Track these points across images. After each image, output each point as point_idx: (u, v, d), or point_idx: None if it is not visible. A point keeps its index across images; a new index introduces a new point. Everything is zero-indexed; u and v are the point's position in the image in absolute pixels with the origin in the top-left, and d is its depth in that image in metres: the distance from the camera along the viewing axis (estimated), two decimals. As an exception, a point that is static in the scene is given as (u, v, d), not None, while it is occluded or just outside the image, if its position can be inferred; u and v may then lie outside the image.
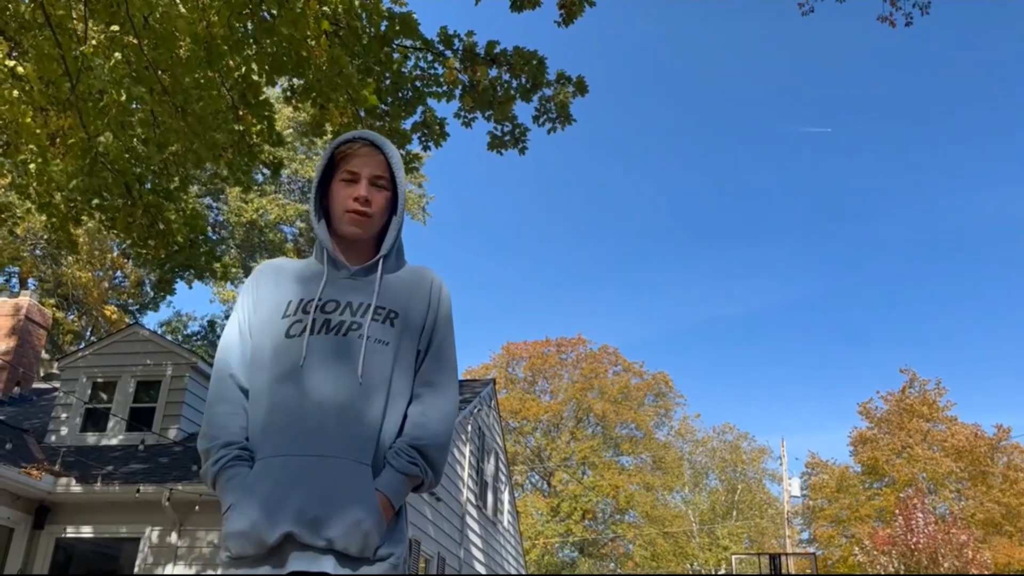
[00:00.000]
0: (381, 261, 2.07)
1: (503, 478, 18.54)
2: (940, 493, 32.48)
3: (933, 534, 25.35)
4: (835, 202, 63.83)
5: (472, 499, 15.14)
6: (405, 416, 1.98)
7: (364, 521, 1.79)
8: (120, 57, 5.71)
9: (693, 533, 41.25)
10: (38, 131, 5.87)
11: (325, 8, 6.01)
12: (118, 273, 27.01)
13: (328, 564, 1.77)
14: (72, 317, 25.47)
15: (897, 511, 27.30)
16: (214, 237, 25.08)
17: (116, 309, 25.49)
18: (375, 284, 2.04)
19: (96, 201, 6.02)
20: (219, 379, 2.00)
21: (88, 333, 26.06)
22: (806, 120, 61.44)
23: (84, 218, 6.47)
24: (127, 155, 5.99)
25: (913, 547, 25.37)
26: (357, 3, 6.30)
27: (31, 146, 5.79)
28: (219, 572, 1.86)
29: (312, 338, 1.93)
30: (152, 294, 27.98)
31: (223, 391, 1.98)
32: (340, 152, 2.08)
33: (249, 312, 2.06)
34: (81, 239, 22.74)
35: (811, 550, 35.34)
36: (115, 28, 5.58)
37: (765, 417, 68.12)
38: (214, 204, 26.78)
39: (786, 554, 26.57)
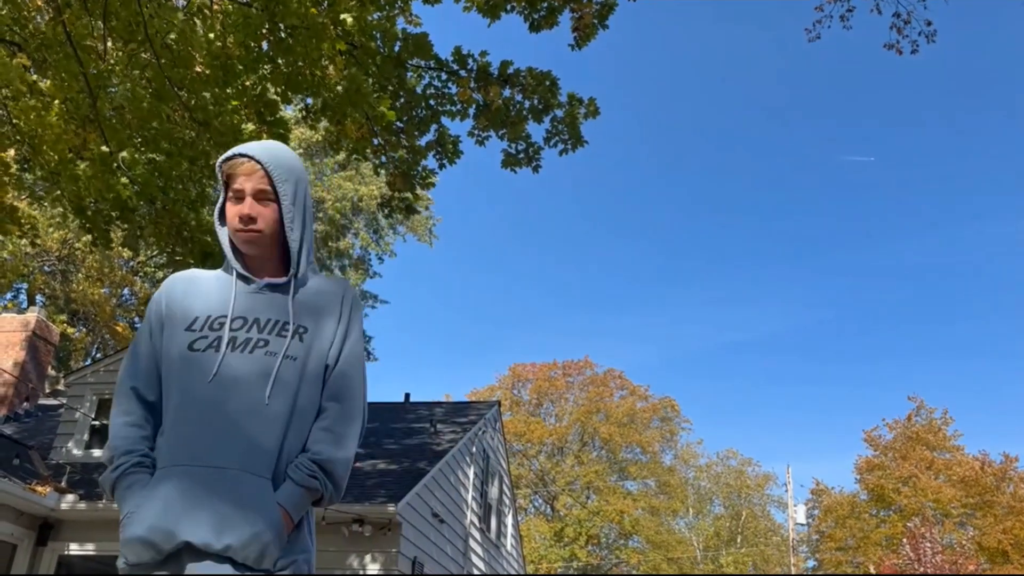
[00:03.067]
0: (292, 273, 2.08)
1: (507, 501, 18.44)
2: (946, 523, 32.15)
3: (941, 564, 25.09)
4: (841, 228, 63.86)
5: (476, 522, 15.06)
6: (310, 430, 1.99)
7: (263, 533, 1.80)
8: (138, 75, 5.80)
9: (697, 560, 40.90)
10: (60, 144, 5.95)
11: (339, 29, 6.09)
12: (125, 290, 27.10)
13: (225, 571, 1.77)
14: (80, 333, 25.53)
15: (904, 540, 27.05)
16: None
17: (126, 326, 25.55)
18: (285, 300, 2.05)
19: (115, 213, 6.08)
20: (121, 391, 2.02)
21: (95, 350, 26.10)
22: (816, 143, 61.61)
23: (113, 227, 6.54)
24: (148, 168, 6.06)
25: (921, 576, 25.11)
26: (371, 24, 6.38)
27: (55, 156, 5.87)
28: None
29: (218, 354, 1.94)
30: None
31: (125, 403, 2.00)
32: (225, 170, 2.08)
33: (157, 324, 2.07)
34: (90, 257, 22.87)
35: (817, 579, 34.99)
36: (133, 47, 5.66)
37: (769, 443, 67.83)
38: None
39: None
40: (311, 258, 2.17)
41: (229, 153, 2.11)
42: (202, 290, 2.08)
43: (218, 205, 2.14)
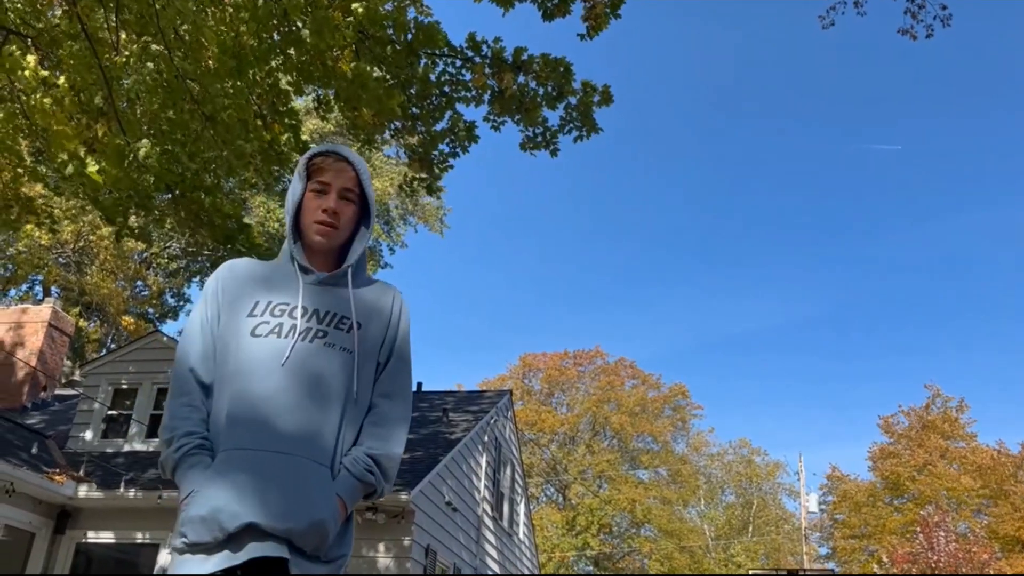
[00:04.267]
0: (349, 271, 2.13)
1: (519, 490, 18.51)
2: (961, 511, 32.04)
3: (954, 553, 25.04)
4: (855, 217, 63.51)
5: (488, 510, 15.13)
6: (362, 424, 2.04)
7: (326, 522, 1.84)
8: (152, 67, 5.83)
9: (709, 548, 40.93)
10: (70, 137, 5.98)
11: (350, 19, 6.10)
12: (138, 283, 27.26)
13: (284, 552, 1.80)
14: (93, 325, 25.72)
15: (918, 529, 26.99)
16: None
17: (134, 320, 25.71)
18: (343, 293, 2.10)
19: (132, 204, 6.13)
20: (179, 374, 2.04)
21: (109, 341, 26.30)
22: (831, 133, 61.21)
23: (132, 218, 6.59)
24: (165, 158, 6.10)
25: (934, 566, 25.07)
26: (382, 14, 6.38)
27: (63, 153, 5.90)
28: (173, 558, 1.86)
29: (279, 340, 1.97)
30: (172, 303, 28.24)
31: (183, 385, 2.02)
32: (313, 164, 2.15)
33: (214, 309, 2.09)
34: (104, 252, 23.01)
35: (830, 566, 34.97)
36: (147, 39, 5.69)
37: (780, 432, 67.66)
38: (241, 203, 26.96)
39: (804, 571, 26.29)
40: (365, 262, 2.25)
41: (323, 148, 2.18)
42: (261, 277, 2.13)
43: (293, 193, 2.16)
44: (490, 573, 14.94)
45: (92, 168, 5.75)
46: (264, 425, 1.89)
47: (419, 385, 17.06)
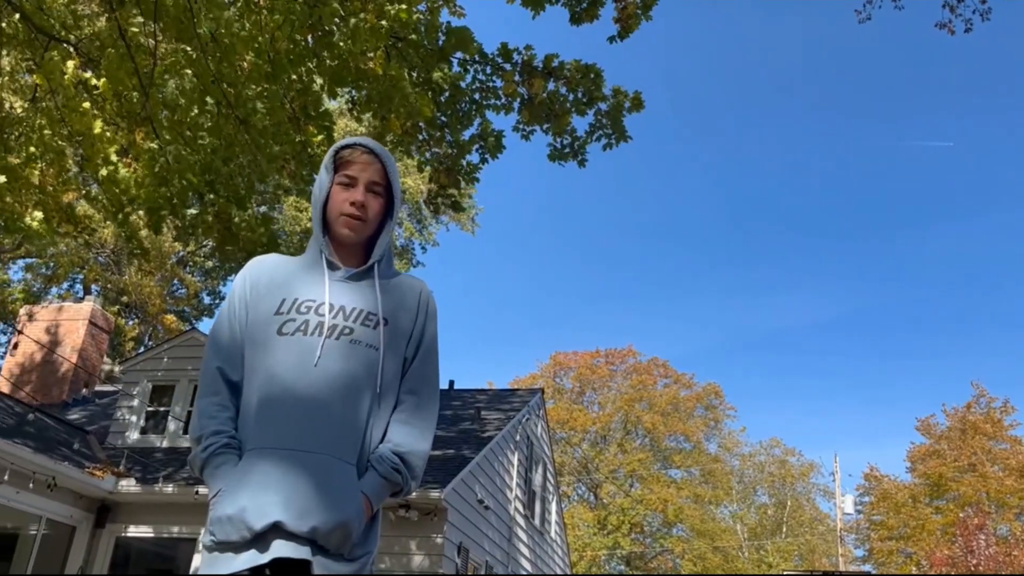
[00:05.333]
0: (376, 266, 2.13)
1: (551, 488, 18.51)
2: (1003, 513, 31.41)
3: (994, 556, 24.58)
4: (891, 213, 62.55)
5: (520, 508, 15.16)
6: (388, 421, 2.04)
7: (351, 521, 1.85)
8: (190, 72, 5.93)
9: (742, 548, 40.60)
10: (108, 142, 6.11)
11: (383, 23, 6.15)
12: (175, 282, 27.68)
13: (308, 552, 1.81)
14: (132, 323, 26.17)
15: (957, 532, 26.53)
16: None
17: (175, 318, 26.12)
18: (370, 289, 2.09)
19: (165, 211, 6.23)
20: (207, 372, 2.05)
21: (147, 339, 26.74)
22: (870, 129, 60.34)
23: (164, 225, 6.72)
24: (197, 165, 6.20)
25: (973, 569, 24.63)
26: (414, 19, 6.43)
27: (100, 157, 6.02)
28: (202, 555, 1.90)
29: (305, 338, 1.97)
30: (208, 303, 28.66)
31: (211, 384, 2.03)
32: (340, 157, 2.14)
33: (241, 306, 2.09)
34: (147, 248, 23.40)
35: (866, 568, 34.51)
36: (184, 47, 5.79)
37: (814, 432, 66.78)
38: (271, 214, 27.30)
39: (840, 573, 25.97)
40: (391, 256, 2.24)
41: (350, 140, 2.17)
42: (288, 273, 2.11)
43: (320, 186, 2.15)
44: (522, 572, 14.97)
45: (124, 175, 5.86)
46: (291, 424, 1.90)
47: (451, 383, 17.13)
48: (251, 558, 1.80)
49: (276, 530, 1.81)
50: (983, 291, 60.41)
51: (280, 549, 1.80)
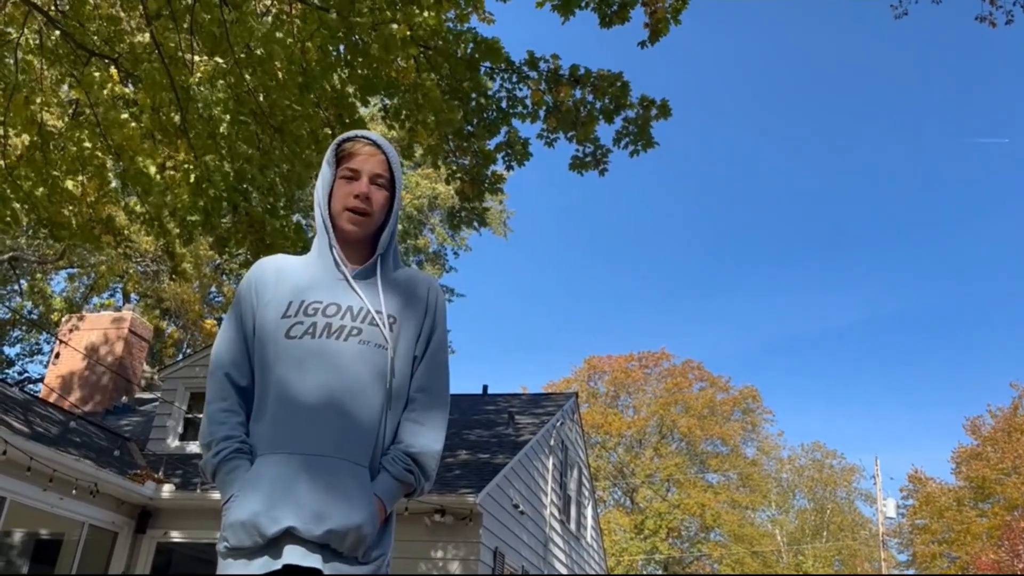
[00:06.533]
0: (379, 263, 2.09)
1: (586, 493, 18.44)
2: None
3: (1041, 561, 23.99)
4: (931, 212, 61.45)
5: (555, 513, 15.11)
6: (399, 420, 2.01)
7: (364, 525, 1.83)
8: (224, 84, 6.01)
9: (781, 553, 40.09)
10: (147, 153, 6.22)
11: (412, 32, 6.19)
12: (212, 289, 28.07)
13: (318, 560, 1.80)
14: (171, 330, 26.59)
15: (1003, 535, 25.94)
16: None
17: (214, 322, 26.49)
18: (374, 288, 2.05)
19: (197, 218, 6.31)
20: (215, 377, 2.03)
21: (185, 345, 27.15)
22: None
23: (199, 238, 6.82)
24: (233, 176, 6.28)
25: (1020, 574, 24.07)
26: (444, 29, 6.46)
27: (140, 169, 6.14)
28: (218, 561, 1.88)
29: (313, 341, 1.95)
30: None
31: (219, 389, 2.01)
32: (342, 150, 2.11)
33: (248, 311, 2.07)
34: (187, 260, 23.80)
35: (909, 573, 33.89)
36: (219, 60, 5.88)
37: (854, 435, 65.87)
38: (303, 221, 27.59)
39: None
40: (397, 250, 2.20)
41: (352, 133, 2.14)
42: (293, 275, 2.08)
43: (323, 180, 2.12)
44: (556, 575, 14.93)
45: (158, 188, 5.95)
46: (301, 428, 1.88)
47: (484, 388, 17.16)
48: (265, 564, 1.80)
49: (289, 535, 1.80)
50: (1027, 290, 59.10)
51: (293, 555, 1.79)
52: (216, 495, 10.64)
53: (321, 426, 1.89)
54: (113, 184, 7.24)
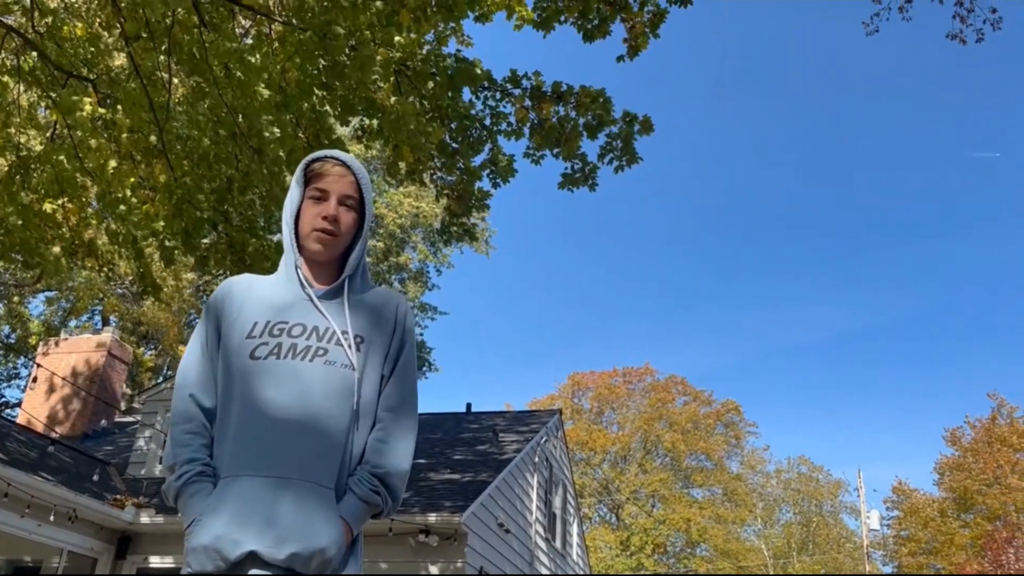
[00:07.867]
0: (347, 283, 2.07)
1: (572, 510, 18.38)
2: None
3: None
4: (913, 227, 62.15)
5: (541, 531, 15.05)
6: (367, 441, 1.99)
7: (328, 548, 1.80)
8: (205, 105, 6.00)
9: (768, 568, 40.10)
10: (124, 175, 6.19)
11: (392, 53, 6.22)
12: (191, 312, 27.88)
13: None
14: (150, 354, 26.35)
15: (986, 546, 26.10)
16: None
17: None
18: (341, 308, 2.03)
19: (174, 242, 6.29)
20: (180, 398, 2.01)
21: (165, 368, 26.91)
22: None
23: (179, 258, 6.78)
24: (213, 195, 6.26)
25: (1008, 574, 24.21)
26: (422, 54, 6.50)
27: (115, 192, 6.10)
28: None
29: (278, 362, 1.92)
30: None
31: (184, 411, 1.98)
32: (311, 170, 2.08)
33: (213, 331, 2.05)
34: (165, 280, 23.65)
35: (887, 572, 33.96)
36: (196, 77, 5.87)
37: (837, 447, 66.15)
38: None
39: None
40: (367, 270, 2.19)
41: (321, 153, 2.12)
42: (260, 295, 2.06)
43: (291, 200, 2.10)
44: (544, 595, 14.84)
45: (138, 209, 5.92)
46: (265, 450, 1.86)
47: (468, 406, 17.10)
48: None
49: (252, 559, 1.78)
50: (1007, 298, 59.79)
51: None
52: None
53: (285, 448, 1.86)
54: (93, 206, 7.20)
